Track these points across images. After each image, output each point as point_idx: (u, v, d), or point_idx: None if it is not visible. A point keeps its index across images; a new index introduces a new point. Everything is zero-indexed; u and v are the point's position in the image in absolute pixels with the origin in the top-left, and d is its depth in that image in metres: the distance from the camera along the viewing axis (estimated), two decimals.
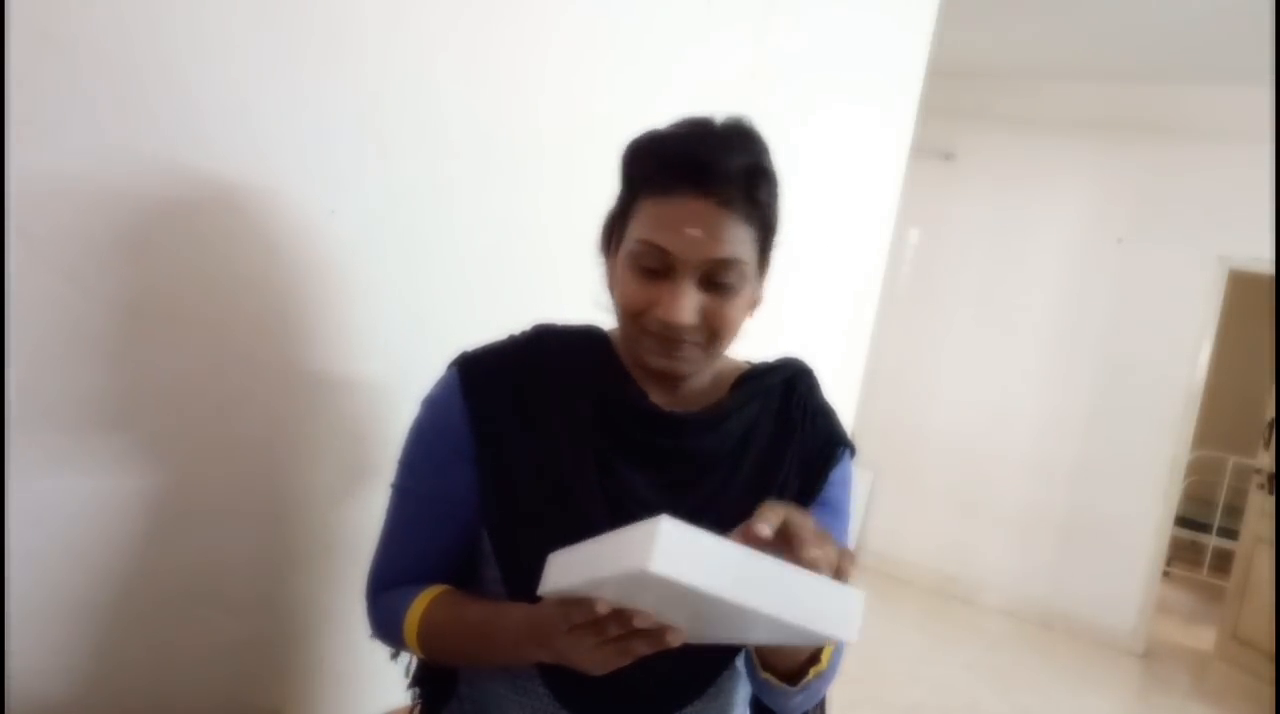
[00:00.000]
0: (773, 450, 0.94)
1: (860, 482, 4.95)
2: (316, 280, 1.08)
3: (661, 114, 0.94)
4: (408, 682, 1.02)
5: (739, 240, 0.82)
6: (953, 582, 4.83)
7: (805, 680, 0.82)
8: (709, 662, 0.90)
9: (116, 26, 0.85)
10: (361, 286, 1.13)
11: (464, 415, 0.89)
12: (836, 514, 0.97)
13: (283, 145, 1.01)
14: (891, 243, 2.44)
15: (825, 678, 0.85)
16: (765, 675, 0.83)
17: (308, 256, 1.06)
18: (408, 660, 1.00)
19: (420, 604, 0.88)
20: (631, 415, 0.90)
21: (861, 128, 2.16)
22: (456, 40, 1.16)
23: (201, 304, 0.96)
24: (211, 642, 1.05)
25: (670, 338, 0.84)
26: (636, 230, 0.83)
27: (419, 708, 1.02)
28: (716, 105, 0.92)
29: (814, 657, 0.83)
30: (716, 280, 0.83)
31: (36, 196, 0.82)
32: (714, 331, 0.85)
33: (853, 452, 1.00)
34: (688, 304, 0.82)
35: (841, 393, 2.15)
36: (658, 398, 0.92)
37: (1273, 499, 4.23)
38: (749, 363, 1.01)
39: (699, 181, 0.80)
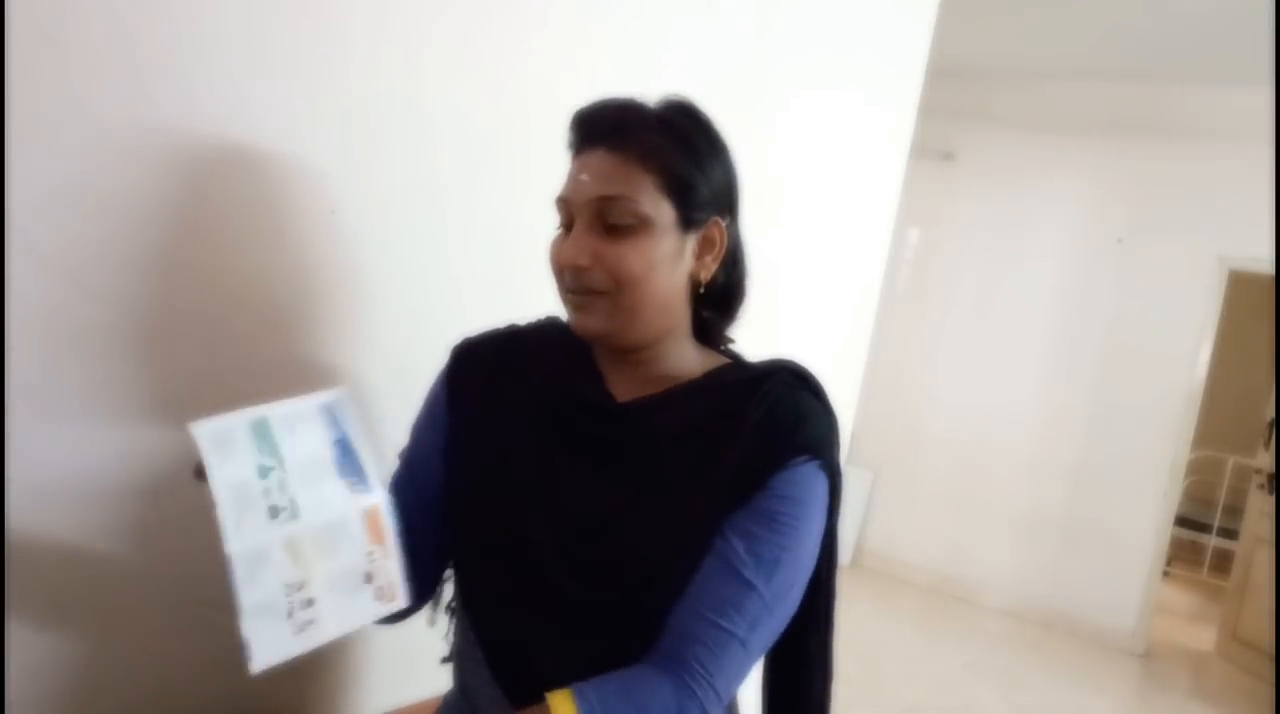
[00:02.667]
0: (713, 449, 0.86)
1: (860, 482, 4.95)
2: (315, 279, 1.08)
3: None
4: (445, 656, 1.03)
5: (632, 183, 0.84)
6: (952, 582, 4.83)
7: None
8: (637, 649, 0.84)
9: (115, 29, 0.85)
10: (359, 285, 1.13)
11: (444, 392, 0.97)
12: (770, 527, 0.83)
13: (281, 145, 1.01)
14: (891, 243, 2.43)
15: None
16: None
17: (307, 256, 1.06)
18: (446, 629, 1.01)
19: None
20: (573, 403, 0.92)
21: (861, 127, 2.16)
22: (443, 35, 1.16)
23: (200, 303, 0.96)
24: (212, 642, 1.05)
25: (573, 288, 0.86)
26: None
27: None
28: (715, 104, 0.93)
29: None
30: (609, 221, 0.84)
31: (36, 197, 0.82)
32: (614, 277, 0.84)
33: (825, 466, 0.86)
34: (578, 245, 0.84)
35: (841, 393, 2.14)
36: (620, 390, 0.91)
37: (1273, 499, 4.23)
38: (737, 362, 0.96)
39: (594, 135, 0.87)
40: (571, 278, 0.86)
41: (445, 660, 1.02)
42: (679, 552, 0.84)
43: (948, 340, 4.90)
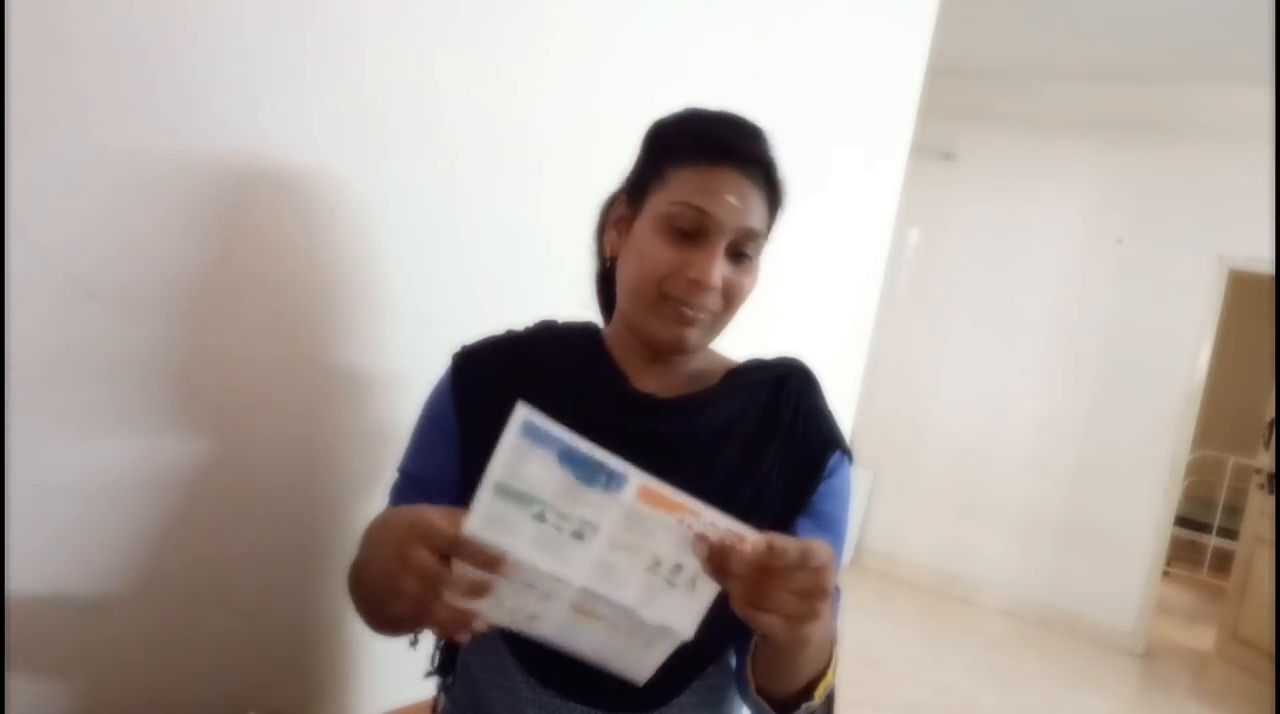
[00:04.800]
0: (755, 445, 0.92)
1: (860, 482, 4.96)
2: (323, 278, 1.08)
3: (663, 113, 0.94)
4: (429, 669, 1.02)
5: (762, 218, 0.89)
6: (953, 582, 4.84)
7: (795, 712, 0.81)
8: (693, 656, 0.87)
9: (116, 27, 0.85)
10: (368, 284, 1.13)
11: (451, 402, 0.94)
12: (828, 529, 0.93)
13: (288, 144, 1.01)
14: (891, 243, 2.44)
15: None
16: (756, 698, 0.83)
17: (310, 255, 1.06)
18: (431, 650, 1.01)
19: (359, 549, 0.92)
20: (608, 398, 0.92)
21: (861, 127, 2.16)
22: (454, 38, 1.16)
23: (203, 304, 0.96)
24: (214, 641, 1.05)
25: (692, 303, 0.86)
26: (672, 194, 0.86)
27: (439, 699, 1.03)
28: (716, 105, 0.93)
29: (807, 689, 0.81)
30: (741, 250, 0.87)
31: (39, 197, 0.82)
32: (729, 302, 0.89)
33: (850, 458, 0.97)
34: (720, 267, 0.86)
35: (841, 393, 2.15)
36: (642, 385, 0.93)
37: (1273, 499, 4.23)
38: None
39: (737, 157, 0.86)
40: (696, 293, 0.86)
41: (430, 673, 1.01)
42: None
43: (948, 340, 4.90)
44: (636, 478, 0.65)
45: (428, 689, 1.07)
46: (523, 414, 0.63)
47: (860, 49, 2.07)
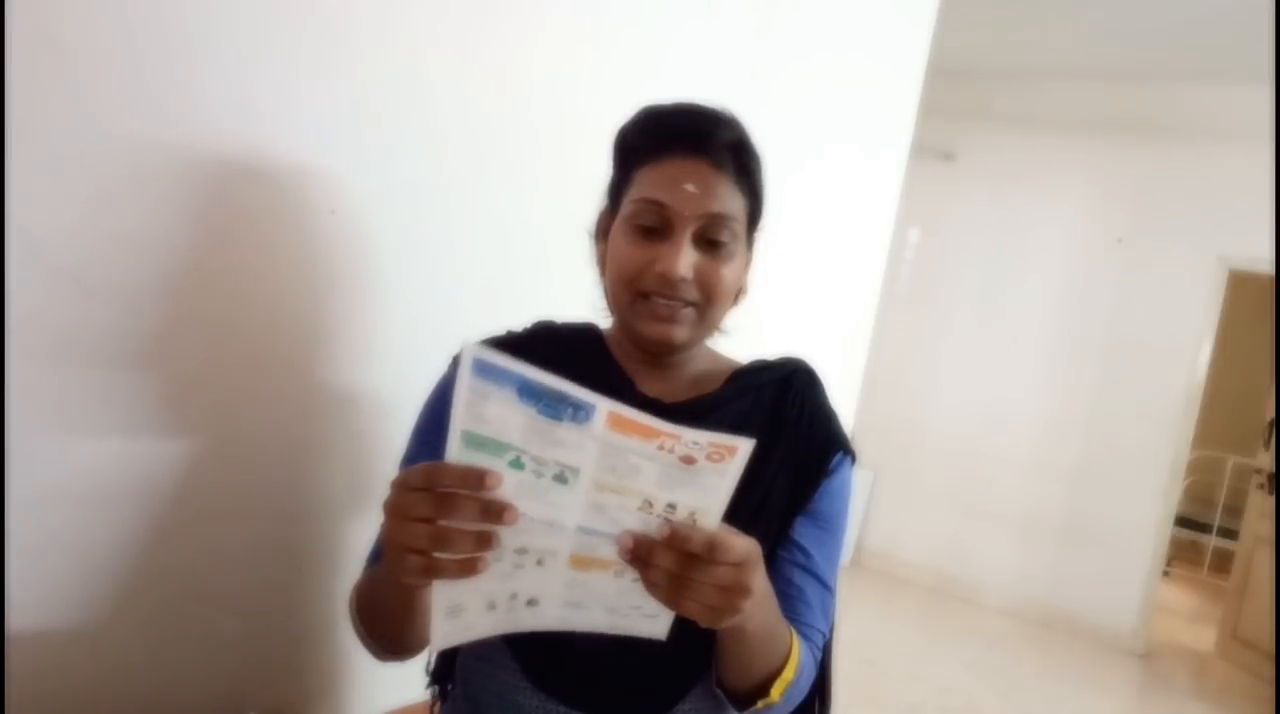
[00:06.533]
0: (763, 447, 0.90)
1: (860, 482, 4.96)
2: (319, 279, 1.07)
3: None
4: (428, 680, 1.03)
5: (733, 203, 0.86)
6: (953, 582, 4.83)
7: (753, 709, 0.83)
8: (695, 658, 0.89)
9: (115, 27, 0.85)
10: (363, 286, 1.13)
11: None
12: (826, 528, 0.93)
13: (284, 144, 1.01)
14: (891, 243, 2.44)
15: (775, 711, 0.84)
16: (717, 690, 0.85)
17: (308, 256, 1.06)
18: (427, 657, 1.01)
19: (363, 573, 0.92)
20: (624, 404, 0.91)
21: (861, 127, 2.16)
22: (448, 37, 1.16)
23: (201, 304, 0.96)
24: (212, 642, 1.05)
25: (666, 298, 0.85)
26: (633, 194, 0.86)
27: (436, 705, 1.03)
28: (717, 104, 0.93)
29: (766, 686, 0.82)
30: (711, 237, 0.85)
31: (37, 197, 0.82)
32: (707, 293, 0.86)
33: (853, 458, 0.96)
34: (685, 257, 0.83)
35: (841, 393, 2.15)
36: (648, 389, 0.92)
37: (1273, 499, 4.23)
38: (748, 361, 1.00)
39: (693, 144, 0.84)
40: (668, 287, 0.84)
41: (430, 683, 1.01)
42: None
43: (948, 340, 4.90)
44: (604, 405, 0.61)
45: (425, 690, 1.07)
46: (472, 352, 0.58)
47: (860, 48, 2.07)
